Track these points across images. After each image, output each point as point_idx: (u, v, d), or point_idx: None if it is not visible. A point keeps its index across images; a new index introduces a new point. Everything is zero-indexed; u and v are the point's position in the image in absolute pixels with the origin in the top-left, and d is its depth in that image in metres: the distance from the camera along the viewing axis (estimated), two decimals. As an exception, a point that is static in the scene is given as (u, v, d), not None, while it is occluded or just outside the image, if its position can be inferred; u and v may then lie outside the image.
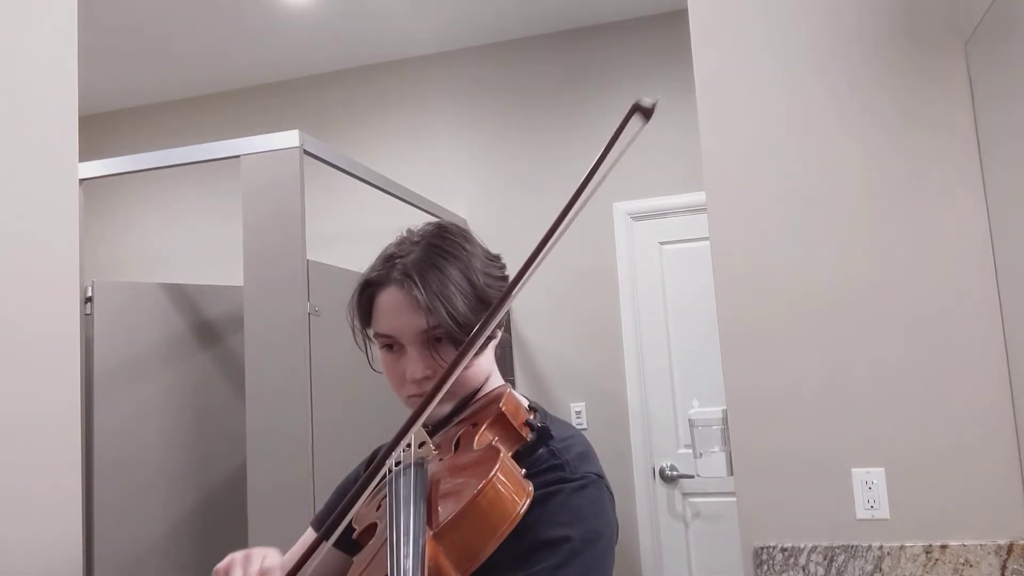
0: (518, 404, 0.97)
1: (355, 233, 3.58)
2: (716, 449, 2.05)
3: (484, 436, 0.91)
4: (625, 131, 0.80)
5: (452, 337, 0.95)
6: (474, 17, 3.41)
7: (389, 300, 0.98)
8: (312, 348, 2.16)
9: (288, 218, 2.19)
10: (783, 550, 1.73)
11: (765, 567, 1.73)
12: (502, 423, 0.93)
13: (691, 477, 3.21)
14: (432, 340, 0.96)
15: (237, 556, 0.88)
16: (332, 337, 2.24)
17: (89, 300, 2.31)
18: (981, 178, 1.72)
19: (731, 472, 1.84)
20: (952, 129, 1.75)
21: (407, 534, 0.75)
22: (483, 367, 1.01)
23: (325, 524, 0.86)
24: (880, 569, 1.67)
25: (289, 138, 2.22)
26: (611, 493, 0.95)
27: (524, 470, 0.87)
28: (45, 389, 1.45)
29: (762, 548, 1.74)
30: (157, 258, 3.98)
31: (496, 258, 1.06)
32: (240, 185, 2.24)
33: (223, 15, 3.25)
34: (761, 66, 1.87)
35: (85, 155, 1.71)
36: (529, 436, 0.93)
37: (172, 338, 2.51)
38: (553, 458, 0.93)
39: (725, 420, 1.90)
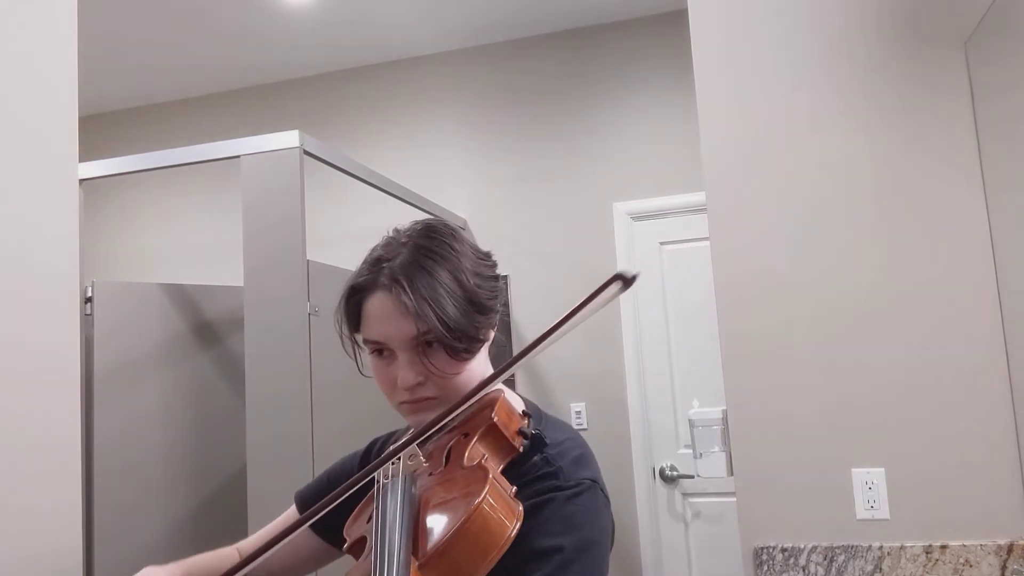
0: (511, 411, 0.95)
1: (355, 233, 3.57)
2: (716, 449, 2.05)
3: (475, 450, 0.88)
4: (601, 295, 0.85)
5: (443, 342, 0.93)
6: (474, 17, 3.41)
7: (377, 306, 0.96)
8: (312, 348, 2.16)
9: (288, 218, 2.19)
10: (783, 550, 1.73)
11: (765, 567, 1.73)
12: (494, 434, 0.90)
13: (691, 477, 3.21)
14: (423, 345, 0.94)
15: None
16: (332, 337, 2.22)
17: (89, 300, 2.31)
18: (981, 177, 1.72)
19: (731, 472, 1.84)
20: (952, 128, 1.75)
21: (391, 566, 0.73)
22: (475, 371, 0.99)
23: (308, 509, 0.85)
24: (880, 569, 1.67)
25: (289, 138, 2.22)
26: (606, 496, 0.94)
27: (515, 487, 0.84)
28: (45, 389, 1.44)
29: (762, 548, 1.74)
30: (157, 258, 3.98)
31: (487, 256, 1.03)
32: (240, 185, 2.24)
33: (223, 15, 3.25)
34: (761, 66, 1.87)
35: (85, 155, 1.71)
36: (522, 446, 0.91)
37: (172, 338, 2.51)
38: (547, 465, 0.91)
39: (725, 420, 1.90)
